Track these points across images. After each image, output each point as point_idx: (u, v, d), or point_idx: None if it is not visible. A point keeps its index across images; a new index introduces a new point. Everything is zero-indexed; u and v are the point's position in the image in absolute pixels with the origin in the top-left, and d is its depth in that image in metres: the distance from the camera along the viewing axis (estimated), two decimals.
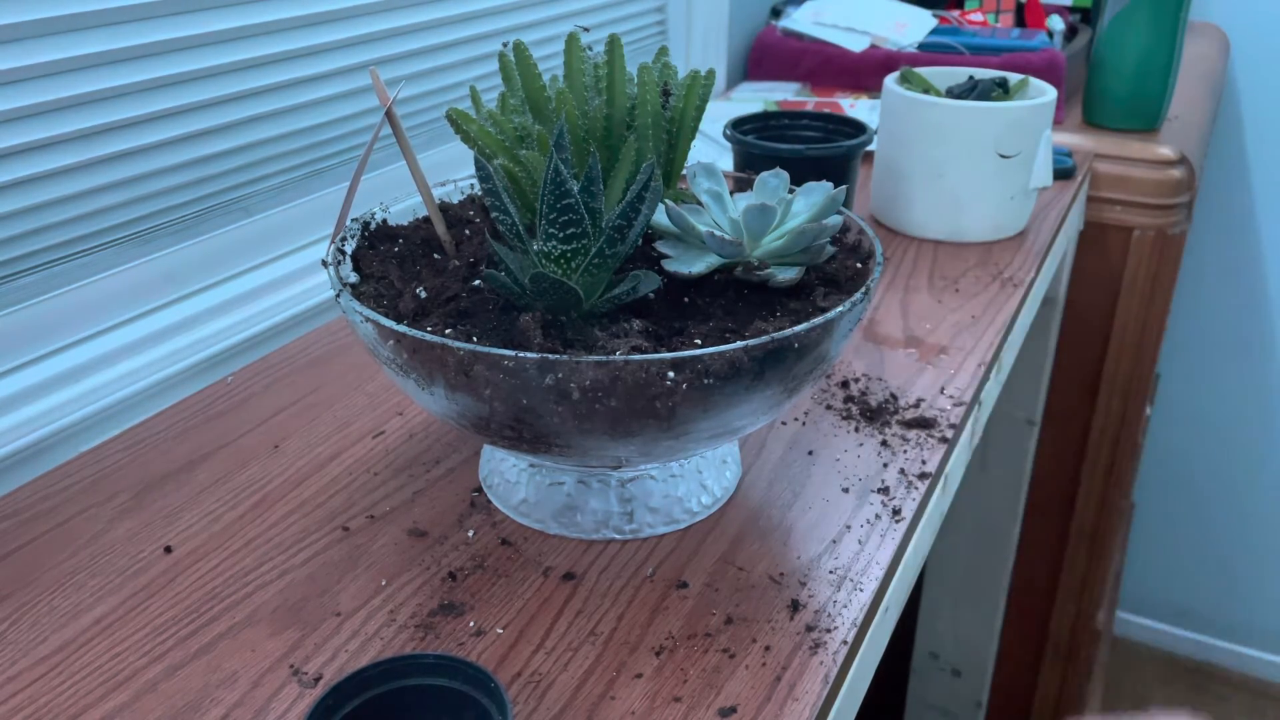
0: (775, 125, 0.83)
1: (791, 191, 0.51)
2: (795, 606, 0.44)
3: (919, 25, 1.21)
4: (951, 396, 0.60)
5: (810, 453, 0.55)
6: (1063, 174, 0.97)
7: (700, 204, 0.49)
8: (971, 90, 0.84)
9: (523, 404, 0.39)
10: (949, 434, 0.57)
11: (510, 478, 0.51)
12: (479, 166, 0.43)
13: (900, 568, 0.49)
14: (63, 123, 0.57)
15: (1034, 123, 0.79)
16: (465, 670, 0.35)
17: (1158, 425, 1.74)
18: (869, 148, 0.80)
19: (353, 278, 0.48)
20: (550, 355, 0.37)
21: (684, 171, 0.51)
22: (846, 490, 0.52)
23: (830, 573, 0.46)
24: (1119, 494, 1.20)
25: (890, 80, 0.85)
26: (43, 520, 0.51)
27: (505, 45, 0.49)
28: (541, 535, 0.49)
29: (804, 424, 0.58)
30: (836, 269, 0.49)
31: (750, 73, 1.27)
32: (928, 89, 0.86)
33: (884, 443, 0.56)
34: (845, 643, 0.42)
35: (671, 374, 0.38)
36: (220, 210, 0.69)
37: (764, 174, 0.50)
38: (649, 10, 1.14)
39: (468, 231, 0.52)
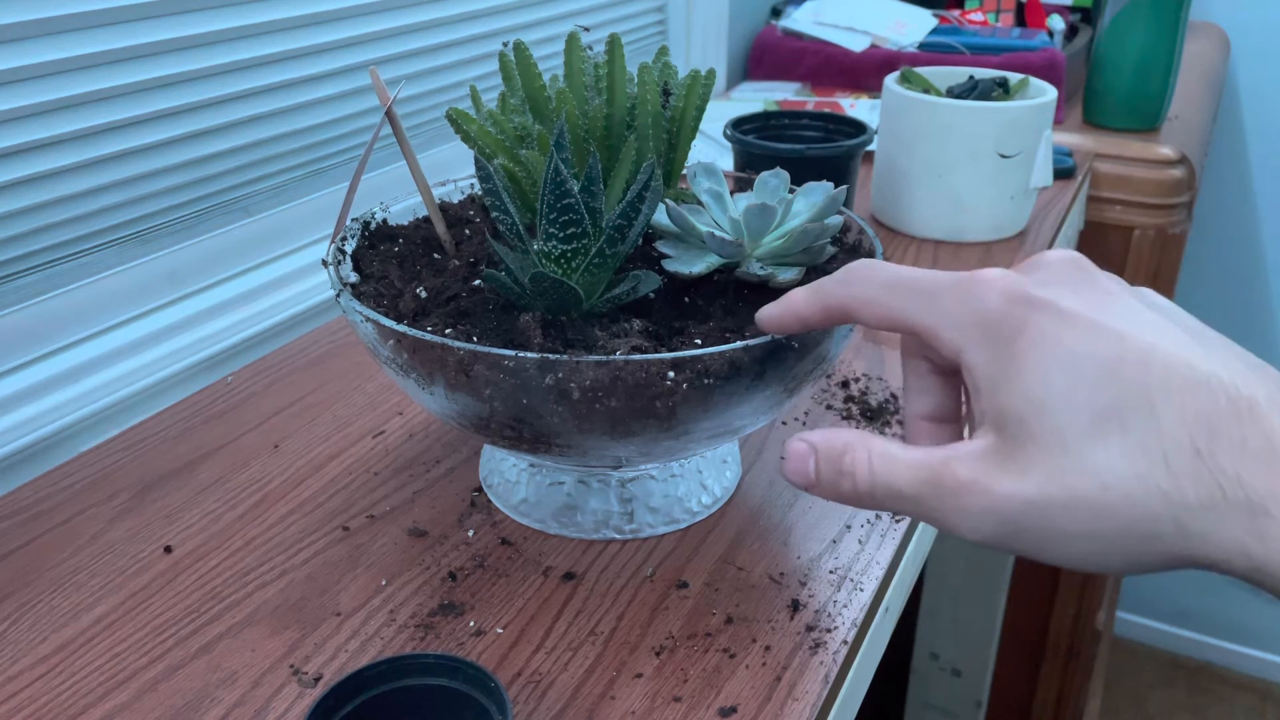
0: (775, 125, 0.83)
1: (792, 191, 0.51)
2: (795, 606, 0.44)
3: (919, 25, 1.21)
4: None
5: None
6: (1063, 174, 0.97)
7: (700, 204, 0.49)
8: (972, 90, 0.84)
9: (523, 404, 0.39)
10: None
11: (510, 477, 0.51)
12: (479, 166, 0.43)
13: (900, 568, 0.49)
14: (63, 123, 0.57)
15: (1034, 122, 0.79)
16: (465, 670, 0.35)
17: None
18: (869, 148, 0.80)
19: (353, 277, 0.48)
20: (550, 355, 0.37)
21: (684, 171, 0.51)
22: None
23: (830, 573, 0.46)
24: None
25: (890, 80, 0.85)
26: (43, 520, 0.51)
27: (505, 45, 0.49)
28: (541, 535, 0.49)
29: (804, 424, 0.58)
30: (837, 269, 0.48)
31: (750, 73, 1.27)
32: (928, 89, 0.86)
33: None
34: (845, 643, 0.42)
35: (671, 374, 0.38)
36: (220, 210, 0.69)
37: (764, 174, 0.50)
38: (649, 10, 1.14)
39: (468, 231, 0.52)
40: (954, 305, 0.30)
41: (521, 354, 0.37)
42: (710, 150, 0.98)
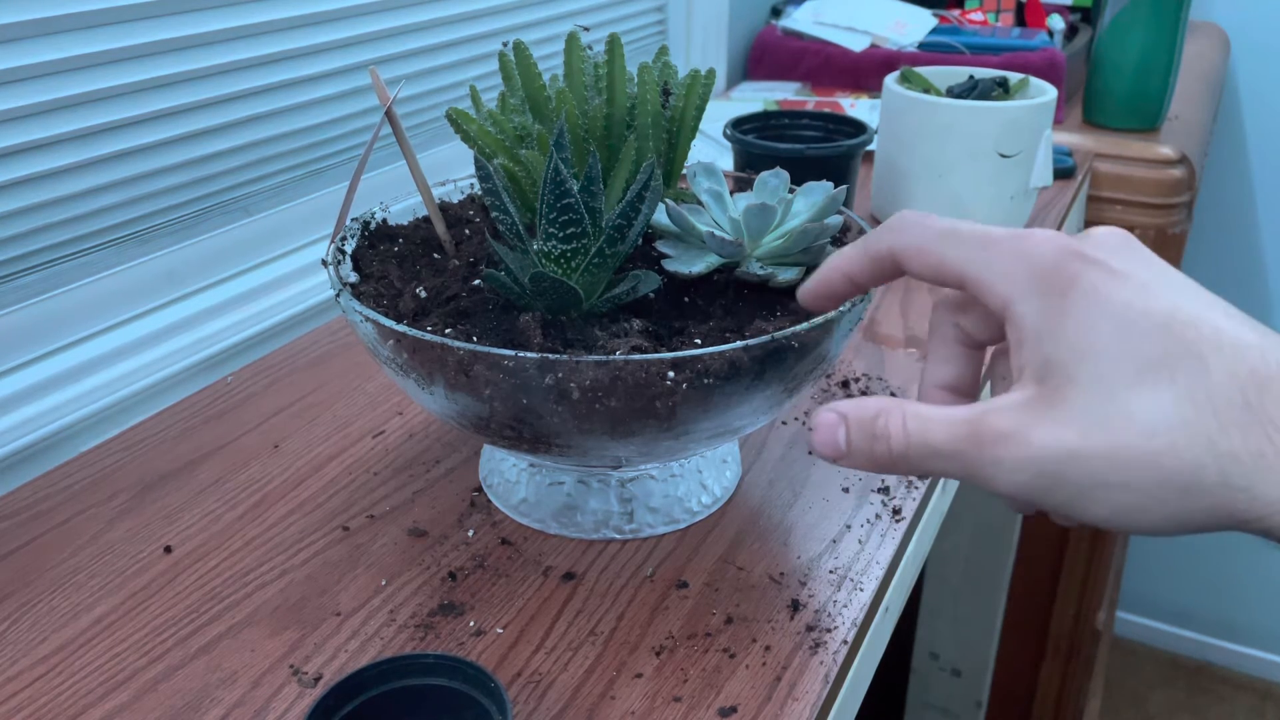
0: (775, 125, 0.83)
1: (792, 191, 0.51)
2: (795, 606, 0.44)
3: (919, 25, 1.21)
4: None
5: (810, 452, 0.55)
6: (1063, 173, 0.97)
7: (700, 204, 0.49)
8: (971, 90, 0.83)
9: (523, 404, 0.39)
10: None
11: (510, 477, 0.51)
12: (479, 166, 0.43)
13: (900, 568, 0.49)
14: (63, 123, 0.57)
15: (1034, 122, 0.79)
16: (465, 670, 0.35)
17: None
18: (869, 147, 0.80)
19: (353, 277, 0.48)
20: (550, 355, 0.37)
21: (684, 171, 0.51)
22: (846, 490, 0.52)
23: (830, 572, 0.46)
24: None
25: (890, 80, 0.85)
26: (43, 520, 0.51)
27: (505, 45, 0.49)
28: (541, 535, 0.49)
29: (804, 424, 0.58)
30: None
31: (750, 72, 1.27)
32: (928, 89, 0.86)
33: None
34: (845, 642, 0.42)
35: (671, 374, 0.38)
36: (220, 210, 0.69)
37: (764, 174, 0.50)
38: (649, 10, 1.14)
39: (468, 231, 0.52)
40: (1007, 257, 0.30)
41: (521, 354, 0.37)
42: (710, 150, 0.98)
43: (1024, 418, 0.28)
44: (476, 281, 0.46)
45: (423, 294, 0.45)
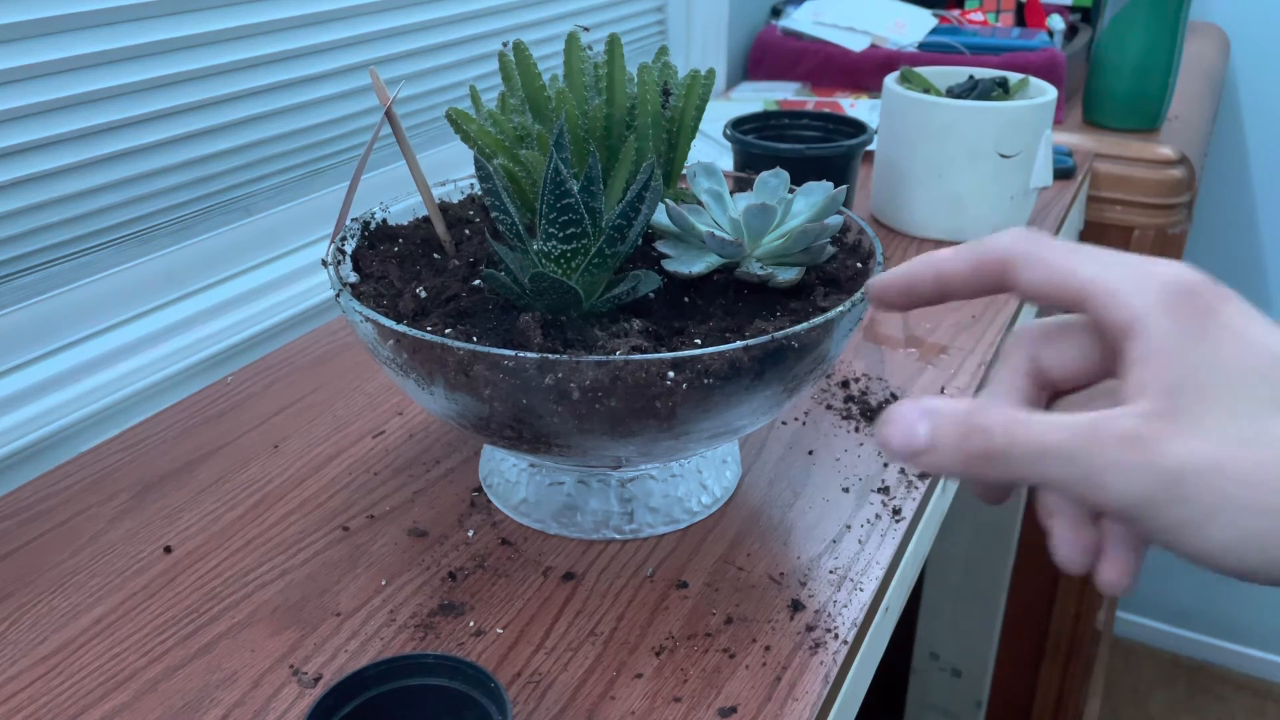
0: (775, 125, 0.83)
1: (791, 191, 0.51)
2: (795, 606, 0.44)
3: (919, 25, 1.21)
4: (952, 396, 0.60)
5: (810, 452, 0.55)
6: (1063, 174, 0.97)
7: (700, 204, 0.49)
8: (971, 90, 0.84)
9: (523, 404, 0.39)
10: None
11: (510, 478, 0.51)
12: (479, 166, 0.43)
13: (900, 568, 0.49)
14: (62, 123, 0.57)
15: (1034, 122, 0.79)
16: (465, 670, 0.35)
17: None
18: (869, 147, 0.80)
19: (353, 277, 0.48)
20: (550, 355, 0.37)
21: (684, 171, 0.51)
22: (846, 490, 0.52)
23: (830, 573, 0.46)
24: None
25: (890, 80, 0.85)
26: (43, 520, 0.51)
27: (505, 45, 0.49)
28: (541, 535, 0.49)
29: (804, 424, 0.58)
30: (837, 269, 0.49)
31: (750, 72, 1.27)
32: (928, 89, 0.86)
33: None
34: (845, 643, 0.42)
35: (671, 374, 0.38)
36: (220, 210, 0.69)
37: (764, 174, 0.50)
38: (649, 10, 1.14)
39: (468, 231, 0.52)
40: (1137, 275, 0.29)
41: (521, 354, 0.37)
42: (710, 150, 0.98)
43: (1154, 425, 0.27)
44: (476, 281, 0.46)
45: (423, 294, 0.45)
